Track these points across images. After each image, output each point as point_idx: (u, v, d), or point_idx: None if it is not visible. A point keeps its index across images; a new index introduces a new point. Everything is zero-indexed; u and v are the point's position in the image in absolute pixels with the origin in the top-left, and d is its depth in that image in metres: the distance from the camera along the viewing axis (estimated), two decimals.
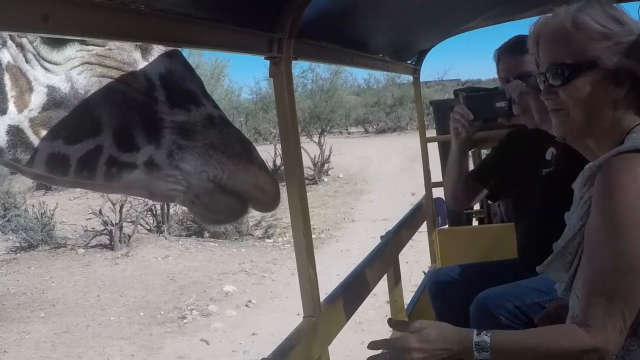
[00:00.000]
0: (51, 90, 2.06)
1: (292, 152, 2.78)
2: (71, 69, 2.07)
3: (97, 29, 1.63)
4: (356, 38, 3.91)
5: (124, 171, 2.15)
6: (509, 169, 4.27)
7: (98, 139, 2.08)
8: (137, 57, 2.15)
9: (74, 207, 23.76)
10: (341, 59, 3.93)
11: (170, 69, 2.17)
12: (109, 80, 2.10)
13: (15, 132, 2.07)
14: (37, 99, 2.06)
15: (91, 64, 2.09)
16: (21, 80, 2.06)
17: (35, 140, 2.08)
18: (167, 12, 1.87)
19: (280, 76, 2.68)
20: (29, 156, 2.10)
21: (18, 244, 18.16)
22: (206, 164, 2.15)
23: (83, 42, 2.07)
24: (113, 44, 2.11)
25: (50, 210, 18.72)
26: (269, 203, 2.33)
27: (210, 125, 2.18)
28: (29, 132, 2.07)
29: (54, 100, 2.07)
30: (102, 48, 2.11)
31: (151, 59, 2.15)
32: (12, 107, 2.05)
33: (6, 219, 19.96)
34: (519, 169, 4.19)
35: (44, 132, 2.07)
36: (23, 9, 1.36)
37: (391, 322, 2.73)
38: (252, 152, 2.27)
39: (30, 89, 2.06)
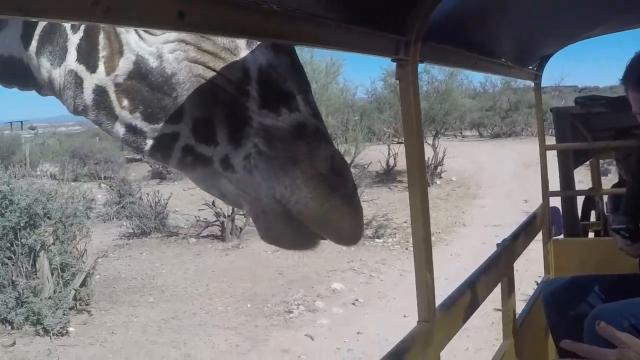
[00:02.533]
0: (139, 59, 2.01)
1: (415, 155, 2.75)
2: (164, 43, 2.00)
3: (230, 26, 1.65)
4: (480, 42, 3.86)
5: (198, 163, 2.03)
6: None
7: (176, 127, 2.01)
8: (240, 44, 2.00)
9: (188, 197, 24.29)
10: (465, 63, 3.87)
11: (273, 63, 1.98)
12: (200, 67, 2.00)
13: (100, 93, 2.05)
14: (124, 65, 2.02)
15: (187, 43, 1.99)
16: (114, 41, 2.03)
17: (117, 107, 2.04)
18: (299, 12, 1.87)
19: (406, 79, 2.65)
20: (110, 121, 2.08)
21: (131, 230, 18.74)
22: (277, 180, 1.92)
23: None
24: None
25: (164, 199, 19.23)
26: (342, 240, 2.04)
27: (298, 136, 1.94)
28: (112, 97, 2.03)
29: (139, 71, 2.01)
30: None
31: (255, 47, 2.00)
32: (101, 67, 2.03)
33: (121, 205, 20.59)
34: None
35: (125, 102, 2.03)
36: (159, 6, 1.38)
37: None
38: (341, 178, 1.98)
39: (121, 53, 2.02)
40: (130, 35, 2.01)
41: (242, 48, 2.00)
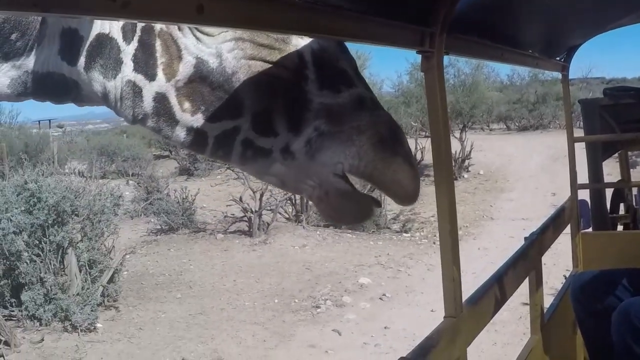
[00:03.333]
0: (199, 62, 2.05)
1: (442, 148, 2.72)
2: (222, 43, 2.05)
3: (251, 20, 1.63)
4: (506, 33, 3.82)
5: (258, 155, 2.11)
6: None
7: (237, 121, 2.07)
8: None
9: (215, 194, 24.37)
10: (491, 55, 3.83)
11: (324, 46, 2.08)
12: (258, 63, 2.06)
13: (161, 100, 2.09)
14: (184, 69, 2.06)
15: (243, 40, 2.06)
16: (172, 47, 2.07)
17: (178, 111, 2.09)
18: (320, 4, 1.86)
19: (432, 71, 2.62)
20: (170, 126, 2.12)
21: (159, 227, 18.81)
22: (344, 154, 2.02)
23: None
24: None
25: (191, 196, 19.31)
26: (406, 198, 2.14)
27: (359, 108, 2.06)
28: (173, 102, 2.08)
29: (200, 73, 2.06)
30: None
31: None
32: (160, 74, 2.07)
33: (149, 201, 20.68)
34: None
35: (186, 105, 2.08)
36: (181, 0, 1.37)
37: None
38: (399, 141, 2.09)
39: (180, 57, 2.06)
40: (188, 39, 2.06)
41: (294, 35, 2.07)
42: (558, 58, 5.59)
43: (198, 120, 2.08)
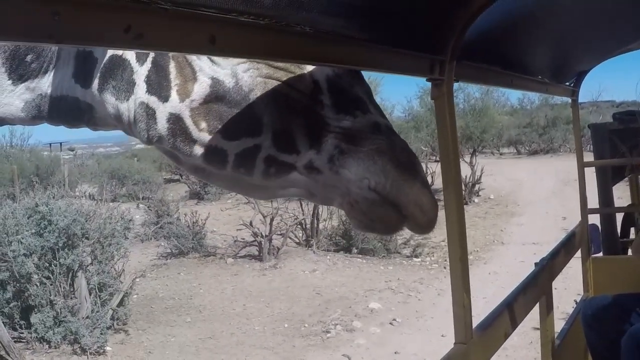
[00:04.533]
0: (215, 82, 2.06)
1: (451, 175, 2.72)
2: (237, 65, 2.06)
3: (262, 50, 1.66)
4: (516, 59, 3.84)
5: (282, 171, 2.11)
6: None
7: (257, 139, 2.07)
8: None
9: (225, 218, 24.40)
10: (501, 81, 3.85)
11: (338, 72, 2.09)
12: (274, 81, 2.07)
13: (175, 121, 2.09)
14: (199, 90, 2.07)
15: (258, 61, 2.07)
16: (186, 69, 2.07)
17: (194, 131, 2.08)
18: (332, 34, 1.88)
19: (442, 98, 2.63)
20: (188, 146, 2.12)
21: (169, 250, 18.82)
22: (369, 171, 2.01)
23: None
24: None
25: (201, 220, 19.29)
26: (426, 225, 2.10)
27: (376, 132, 2.06)
28: (188, 122, 2.08)
29: (216, 93, 2.07)
30: None
31: None
32: (174, 95, 2.08)
33: (159, 225, 20.72)
34: None
35: (203, 124, 2.08)
36: (191, 30, 1.39)
37: None
38: (417, 167, 2.10)
39: (194, 79, 2.07)
40: (202, 62, 2.08)
41: None
42: (568, 83, 5.62)
43: (217, 139, 2.08)
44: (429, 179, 26.58)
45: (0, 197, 22.13)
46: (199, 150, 2.11)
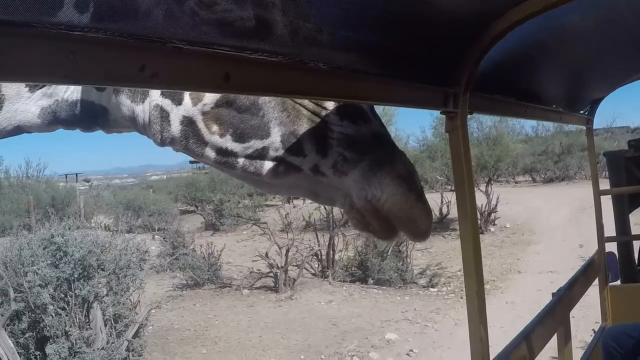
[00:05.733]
0: None
1: (467, 209, 2.70)
2: None
3: (277, 87, 1.67)
4: (530, 89, 3.84)
5: (290, 171, 2.22)
6: None
7: (266, 141, 2.17)
8: None
9: (241, 249, 24.39)
10: (515, 112, 3.84)
11: None
12: None
13: (188, 123, 2.17)
14: (211, 94, 2.15)
15: None
16: None
17: (206, 134, 2.17)
18: (345, 70, 1.89)
19: (456, 131, 2.64)
20: (199, 148, 2.20)
21: (184, 282, 18.84)
22: (368, 182, 2.13)
23: None
24: None
25: (217, 251, 19.31)
26: (419, 235, 2.26)
27: (377, 143, 2.18)
28: (200, 125, 2.16)
29: (226, 98, 2.15)
30: None
31: None
32: (187, 99, 2.15)
33: (174, 256, 20.74)
34: None
35: (215, 127, 2.16)
36: (205, 69, 1.41)
37: None
38: (413, 179, 2.20)
39: None
40: None
41: None
42: (582, 112, 5.60)
43: (227, 141, 2.18)
44: (445, 209, 26.60)
45: (16, 227, 22.23)
46: (210, 152, 2.21)
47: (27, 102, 2.36)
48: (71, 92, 2.33)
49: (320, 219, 23.25)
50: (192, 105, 2.16)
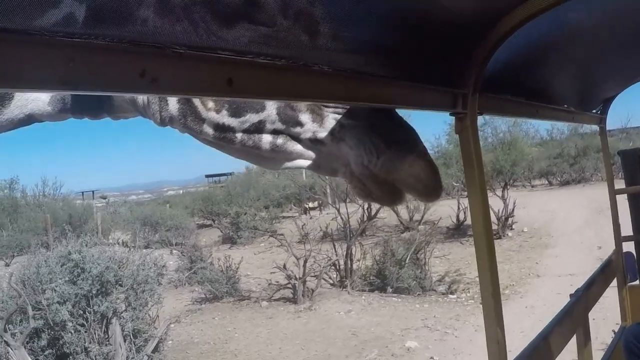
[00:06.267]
0: None
1: (480, 209, 2.68)
2: None
3: (281, 90, 1.66)
4: (540, 89, 3.81)
5: (289, 143, 2.22)
6: None
7: (262, 114, 2.18)
8: None
9: (259, 261, 24.39)
10: (526, 112, 3.81)
11: None
12: None
13: (185, 102, 2.18)
14: None
15: None
16: None
17: (202, 110, 2.17)
18: (351, 72, 1.87)
19: (466, 132, 2.61)
20: (198, 125, 2.20)
21: (203, 296, 18.86)
22: (364, 147, 2.14)
23: None
24: None
25: (235, 264, 19.31)
26: (427, 193, 2.21)
27: (373, 108, 2.18)
28: (197, 103, 2.17)
29: None
30: None
31: None
32: None
33: (192, 271, 20.76)
34: None
35: (210, 103, 2.17)
36: (207, 73, 1.40)
37: None
38: (413, 138, 2.19)
39: None
40: None
41: None
42: (594, 111, 5.56)
43: (223, 116, 2.18)
44: (462, 215, 26.50)
45: (34, 246, 22.32)
46: (208, 128, 2.21)
47: None
48: None
49: (337, 229, 23.23)
50: None
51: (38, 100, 2.36)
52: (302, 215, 37.07)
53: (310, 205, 39.68)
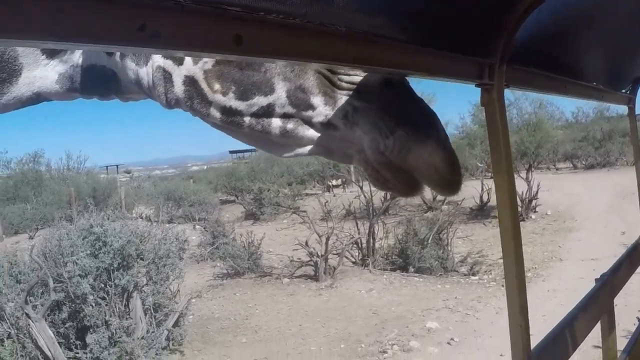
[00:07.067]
0: None
1: (505, 184, 2.55)
2: None
3: (294, 51, 1.55)
4: (569, 64, 3.67)
5: (299, 128, 2.13)
6: None
7: (271, 97, 2.09)
8: None
9: (281, 238, 24.44)
10: (553, 87, 3.66)
11: None
12: None
13: (190, 83, 2.11)
14: None
15: None
16: None
17: (209, 93, 2.11)
18: (370, 35, 1.77)
19: (492, 104, 2.48)
20: (204, 108, 2.14)
21: (225, 271, 18.93)
22: (379, 132, 1.99)
23: None
24: None
25: (257, 240, 19.34)
26: (443, 184, 2.03)
27: (386, 87, 2.03)
28: (203, 84, 2.11)
29: None
30: None
31: None
32: (188, 58, 2.10)
33: (214, 246, 20.82)
34: None
35: (217, 86, 2.10)
36: (213, 29, 1.30)
37: None
38: (431, 122, 2.02)
39: None
40: None
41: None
42: (624, 90, 5.41)
43: (230, 99, 2.11)
44: (485, 196, 26.35)
45: (58, 219, 22.46)
46: (215, 112, 2.15)
47: (45, 68, 2.34)
48: (85, 59, 2.33)
49: (360, 207, 23.18)
50: (193, 64, 2.11)
51: (46, 78, 2.36)
52: (325, 193, 37.10)
53: (334, 182, 39.76)
